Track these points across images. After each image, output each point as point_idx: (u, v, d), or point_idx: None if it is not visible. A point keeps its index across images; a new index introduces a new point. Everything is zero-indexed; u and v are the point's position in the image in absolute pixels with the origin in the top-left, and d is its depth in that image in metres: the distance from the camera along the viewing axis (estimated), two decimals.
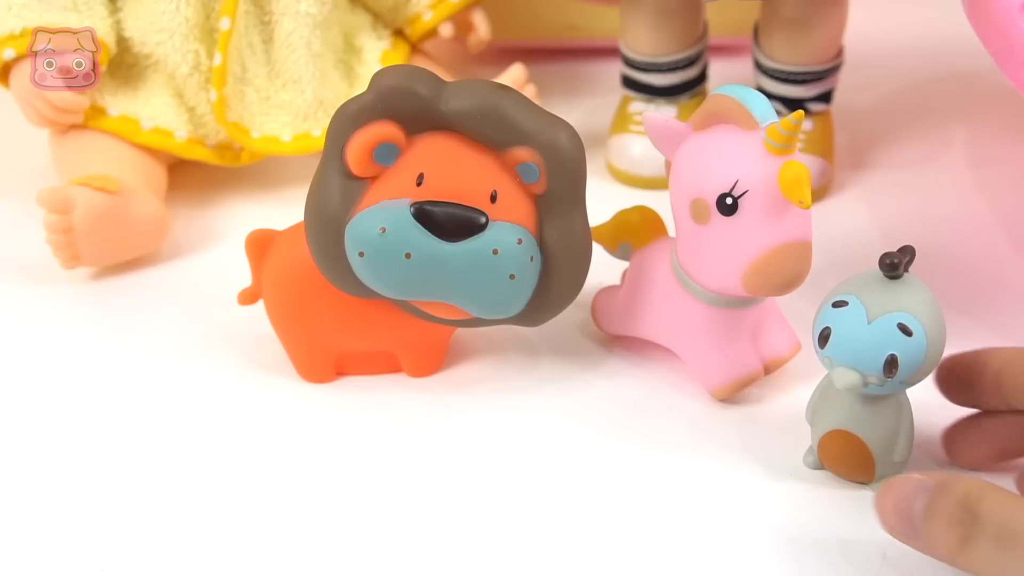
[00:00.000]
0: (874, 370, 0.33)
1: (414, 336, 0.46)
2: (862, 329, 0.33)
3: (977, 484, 0.31)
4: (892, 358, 0.33)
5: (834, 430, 0.37)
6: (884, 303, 0.33)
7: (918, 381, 0.34)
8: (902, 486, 0.32)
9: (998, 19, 0.45)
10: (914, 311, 0.33)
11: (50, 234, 0.51)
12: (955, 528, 0.30)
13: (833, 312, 0.34)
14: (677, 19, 0.59)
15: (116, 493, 0.42)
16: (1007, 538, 0.29)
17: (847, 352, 0.34)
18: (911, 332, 0.33)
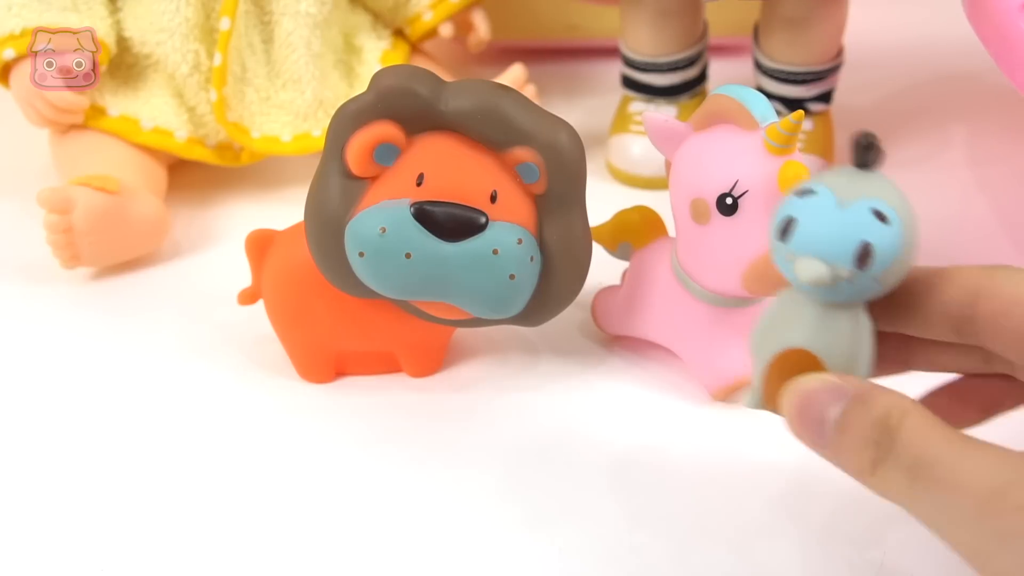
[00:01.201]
0: (844, 260, 0.28)
1: (414, 336, 0.46)
2: (832, 214, 0.28)
3: (900, 403, 0.27)
4: (865, 246, 0.28)
5: (785, 350, 0.31)
6: (856, 190, 0.29)
7: (892, 283, 0.29)
8: (816, 388, 0.29)
9: (998, 19, 0.45)
10: (889, 199, 0.29)
11: (50, 234, 0.51)
12: (868, 449, 0.27)
13: (798, 201, 0.29)
14: (677, 19, 0.59)
15: (116, 493, 0.42)
16: (921, 470, 0.26)
17: (814, 240, 0.29)
18: (887, 219, 0.28)
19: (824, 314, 0.31)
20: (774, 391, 0.31)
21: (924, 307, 0.31)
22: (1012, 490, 0.25)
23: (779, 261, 0.30)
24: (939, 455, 0.26)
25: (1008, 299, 0.29)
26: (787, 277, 0.30)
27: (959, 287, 0.30)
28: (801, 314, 0.31)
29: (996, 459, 0.26)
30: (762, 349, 0.32)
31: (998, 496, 0.25)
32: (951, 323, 0.30)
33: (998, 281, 0.29)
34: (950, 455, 0.26)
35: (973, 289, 0.29)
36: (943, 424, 0.27)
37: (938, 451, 0.26)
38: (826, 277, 0.29)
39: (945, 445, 0.26)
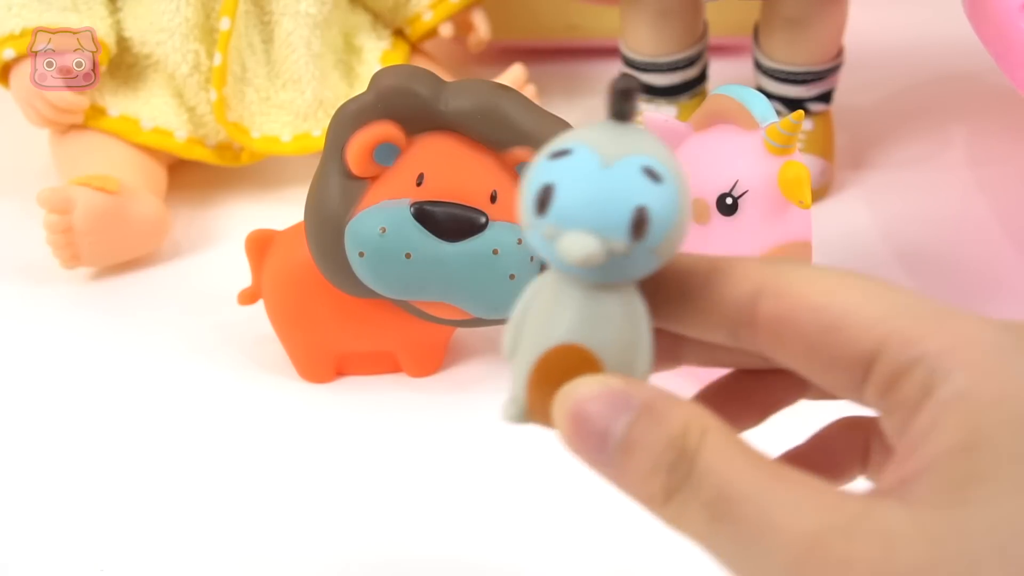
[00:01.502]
0: (619, 230, 0.23)
1: (414, 336, 0.46)
2: (597, 176, 0.23)
3: (699, 418, 0.22)
4: (640, 211, 0.23)
5: (551, 349, 0.25)
6: (619, 146, 0.23)
7: (668, 254, 0.24)
8: (595, 395, 0.23)
9: (998, 19, 0.45)
10: (658, 155, 0.23)
11: (50, 234, 0.51)
12: (660, 474, 0.22)
13: (553, 164, 0.23)
14: (677, 19, 0.59)
15: (116, 493, 0.42)
16: (724, 507, 0.21)
17: (580, 210, 0.23)
18: (660, 177, 0.23)
19: (593, 300, 0.25)
20: (542, 400, 0.25)
21: (696, 304, 0.25)
22: (832, 539, 0.20)
23: (535, 240, 0.24)
24: (746, 489, 0.21)
25: (793, 301, 0.23)
26: (547, 258, 0.24)
27: (738, 284, 0.24)
28: (565, 302, 0.25)
29: (813, 498, 0.21)
30: (522, 350, 0.25)
31: (817, 545, 0.20)
32: (727, 325, 0.25)
33: (783, 280, 0.24)
34: (759, 489, 0.21)
35: (754, 287, 0.24)
36: (748, 446, 0.22)
37: (745, 483, 0.21)
38: (599, 253, 0.23)
39: (753, 476, 0.21)
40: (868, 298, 0.23)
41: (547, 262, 0.24)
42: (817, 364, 0.23)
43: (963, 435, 0.20)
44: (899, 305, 0.22)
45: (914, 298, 0.22)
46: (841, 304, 0.23)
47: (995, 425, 0.20)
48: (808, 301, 0.23)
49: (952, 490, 0.20)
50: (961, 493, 0.20)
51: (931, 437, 0.21)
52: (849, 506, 0.21)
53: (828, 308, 0.23)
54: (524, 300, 0.25)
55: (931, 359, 0.21)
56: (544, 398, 0.25)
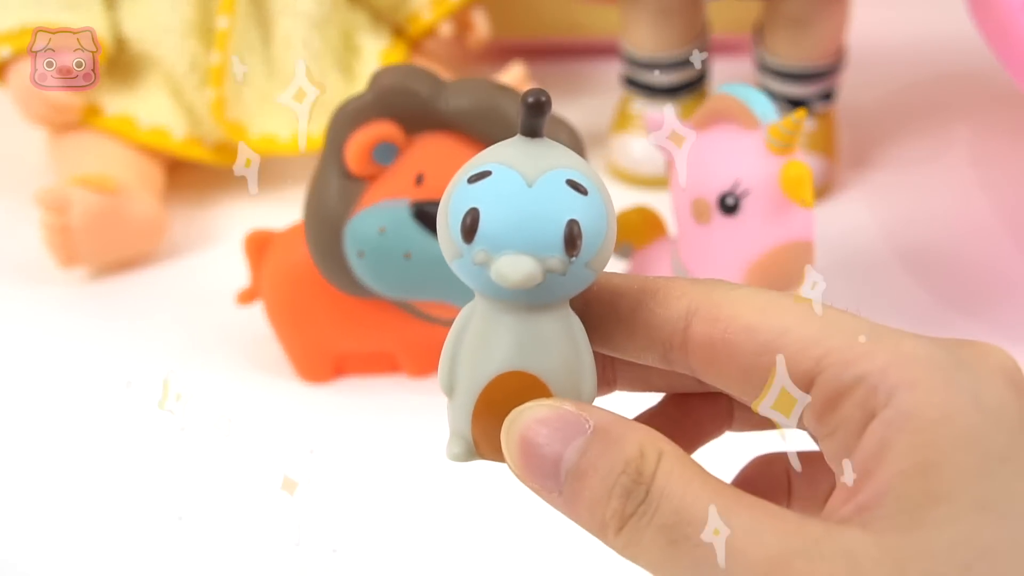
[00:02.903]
0: (552, 248, 0.22)
1: (414, 336, 0.46)
2: (523, 195, 0.22)
3: (654, 440, 0.22)
4: (572, 225, 0.22)
5: (493, 379, 0.24)
6: (538, 162, 0.23)
7: (601, 266, 0.23)
8: (547, 417, 0.22)
9: (1002, 18, 0.44)
10: (577, 167, 0.23)
11: (47, 234, 0.51)
12: (615, 500, 0.21)
13: (473, 188, 0.23)
14: (678, 17, 0.59)
15: (114, 493, 0.42)
16: (683, 531, 0.21)
17: (511, 231, 0.22)
18: (585, 189, 0.22)
19: (529, 323, 0.24)
20: (490, 432, 0.24)
21: (627, 325, 0.24)
22: (795, 562, 0.20)
23: (463, 268, 0.23)
24: (705, 512, 0.21)
25: (726, 323, 0.23)
26: (478, 286, 0.23)
27: (669, 305, 0.24)
28: (500, 329, 0.24)
29: (773, 522, 0.20)
30: (461, 383, 0.24)
31: (779, 568, 0.20)
32: (659, 347, 0.24)
33: (715, 299, 0.23)
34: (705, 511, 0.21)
35: (686, 308, 0.23)
36: (703, 469, 0.22)
37: (703, 507, 0.21)
38: (537, 273, 0.22)
39: (711, 499, 0.21)
40: (803, 318, 0.22)
41: (477, 290, 0.23)
42: (751, 386, 0.22)
43: (917, 456, 0.20)
44: (834, 324, 0.22)
45: (849, 317, 0.22)
46: (776, 324, 0.22)
47: (946, 443, 0.20)
48: (741, 322, 0.22)
49: (912, 511, 0.20)
50: (921, 514, 0.20)
51: (884, 459, 0.20)
52: (810, 530, 0.20)
53: (762, 328, 0.22)
54: (453, 333, 0.24)
55: (872, 378, 0.21)
56: (492, 430, 0.24)
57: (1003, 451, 0.20)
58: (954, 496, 0.20)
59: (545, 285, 0.23)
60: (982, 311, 0.49)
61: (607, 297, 0.25)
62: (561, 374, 0.24)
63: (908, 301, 0.50)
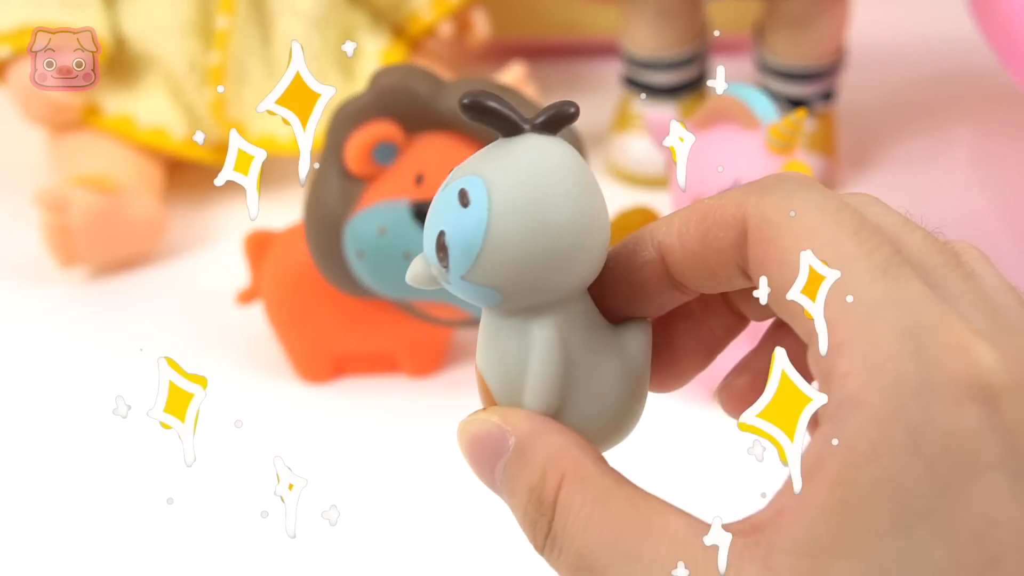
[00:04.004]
0: (431, 255, 0.22)
1: (414, 336, 0.46)
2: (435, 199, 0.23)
3: (557, 461, 0.21)
4: (440, 237, 0.22)
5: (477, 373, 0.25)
6: (467, 165, 0.23)
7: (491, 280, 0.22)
8: (480, 432, 0.23)
9: (1002, 18, 0.44)
10: (492, 175, 0.22)
11: (47, 234, 0.51)
12: (528, 529, 0.21)
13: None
14: (678, 17, 0.59)
15: (113, 494, 0.42)
16: (584, 573, 0.21)
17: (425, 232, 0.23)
18: (468, 201, 0.22)
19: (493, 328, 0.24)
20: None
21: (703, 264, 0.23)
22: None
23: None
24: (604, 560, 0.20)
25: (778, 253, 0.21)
26: None
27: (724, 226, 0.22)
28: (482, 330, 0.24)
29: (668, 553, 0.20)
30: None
31: None
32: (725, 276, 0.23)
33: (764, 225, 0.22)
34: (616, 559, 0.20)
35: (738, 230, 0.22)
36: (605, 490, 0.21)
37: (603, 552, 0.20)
38: (422, 276, 0.23)
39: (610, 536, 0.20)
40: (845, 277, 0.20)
41: None
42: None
43: (835, 494, 0.19)
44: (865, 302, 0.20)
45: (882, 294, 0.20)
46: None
47: (867, 487, 0.19)
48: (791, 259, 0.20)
49: (815, 557, 0.19)
50: (824, 563, 0.19)
51: (814, 480, 0.20)
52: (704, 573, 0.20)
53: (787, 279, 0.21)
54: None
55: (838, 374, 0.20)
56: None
57: (926, 505, 0.19)
58: (856, 554, 0.19)
59: (444, 292, 0.23)
60: None
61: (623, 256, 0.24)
62: (503, 382, 0.24)
63: None
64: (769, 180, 0.22)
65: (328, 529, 0.40)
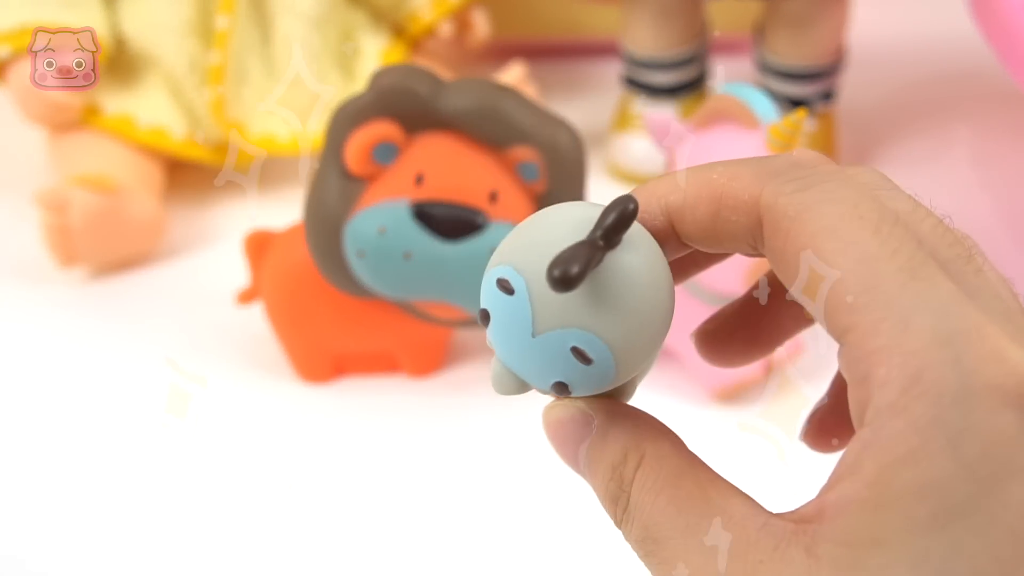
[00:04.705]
0: (541, 387, 0.24)
1: (414, 336, 0.46)
2: (525, 342, 0.22)
3: (638, 444, 0.23)
4: (559, 385, 0.23)
5: None
6: (557, 311, 0.22)
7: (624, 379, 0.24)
8: (564, 417, 0.24)
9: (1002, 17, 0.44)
10: (598, 328, 0.22)
11: (46, 234, 0.51)
12: (608, 505, 0.23)
13: (495, 294, 0.23)
14: (678, 16, 0.59)
15: (113, 494, 0.42)
16: (648, 546, 0.22)
17: (507, 358, 0.23)
18: (590, 360, 0.22)
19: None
20: None
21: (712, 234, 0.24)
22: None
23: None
24: (666, 531, 0.22)
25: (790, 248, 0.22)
26: None
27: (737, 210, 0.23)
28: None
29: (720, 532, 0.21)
30: None
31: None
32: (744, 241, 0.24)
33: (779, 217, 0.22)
34: (677, 532, 0.21)
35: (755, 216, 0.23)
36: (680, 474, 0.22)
37: (666, 525, 0.22)
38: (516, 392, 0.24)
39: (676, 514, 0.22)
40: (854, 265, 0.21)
41: None
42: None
43: (873, 491, 0.20)
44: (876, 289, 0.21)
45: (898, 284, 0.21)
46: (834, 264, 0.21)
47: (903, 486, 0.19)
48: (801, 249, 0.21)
49: (855, 549, 0.20)
50: (862, 557, 0.20)
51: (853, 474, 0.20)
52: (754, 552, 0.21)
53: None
54: None
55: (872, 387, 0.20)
56: None
57: (964, 505, 0.19)
58: (894, 547, 0.20)
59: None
60: None
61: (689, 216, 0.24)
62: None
63: None
64: (782, 163, 0.23)
65: (328, 529, 0.40)
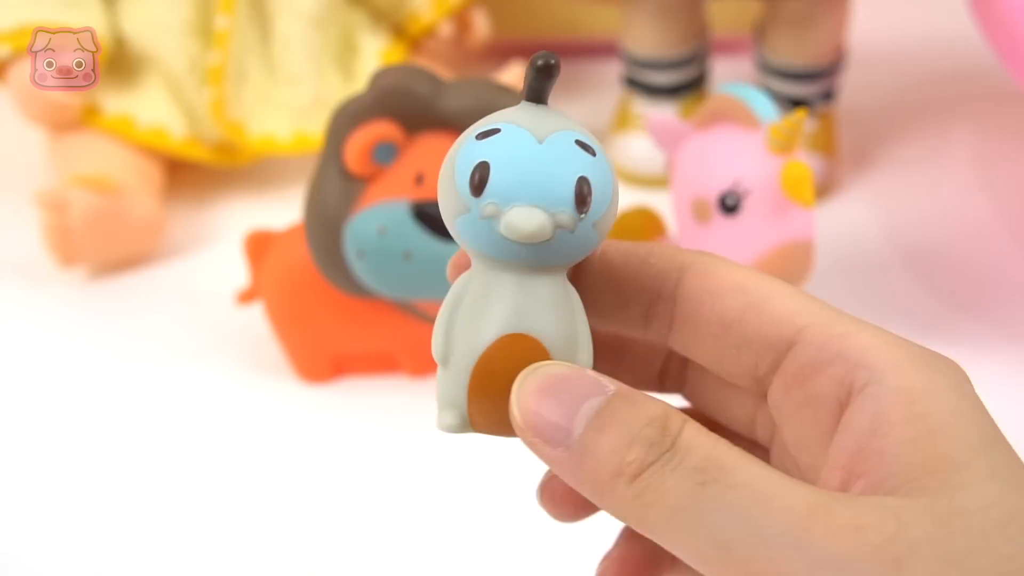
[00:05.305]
0: (564, 203, 0.22)
1: (414, 336, 0.46)
2: (535, 150, 0.22)
3: (678, 412, 0.22)
4: (583, 182, 0.22)
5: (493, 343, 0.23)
6: (546, 123, 0.23)
7: (607, 227, 0.23)
8: (569, 375, 0.22)
9: (1003, 18, 0.44)
10: (583, 131, 0.23)
11: (46, 234, 0.51)
12: (638, 448, 0.21)
13: (483, 143, 0.23)
14: (678, 17, 0.59)
15: (111, 494, 0.42)
16: (716, 473, 0.20)
17: (523, 183, 0.22)
18: (593, 151, 0.23)
19: (530, 285, 0.23)
20: (488, 401, 0.23)
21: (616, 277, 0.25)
22: (836, 507, 0.20)
23: (469, 225, 0.23)
24: (737, 462, 0.21)
25: (719, 279, 0.24)
26: (482, 243, 0.23)
27: (663, 256, 0.25)
28: (501, 290, 0.23)
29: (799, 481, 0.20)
30: (457, 351, 0.23)
31: (821, 511, 0.20)
32: (644, 300, 0.25)
33: (707, 261, 0.24)
34: (747, 463, 0.21)
35: (680, 262, 0.24)
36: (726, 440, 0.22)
37: (734, 459, 0.21)
38: (548, 225, 0.22)
39: (740, 455, 0.21)
40: (791, 292, 0.23)
41: (479, 249, 0.23)
42: (728, 345, 0.24)
43: (917, 425, 0.20)
44: (820, 304, 0.23)
45: (834, 306, 0.23)
46: (766, 289, 0.23)
47: (945, 415, 0.20)
48: (734, 281, 0.24)
49: (932, 474, 0.20)
50: (943, 476, 0.20)
51: (880, 432, 0.21)
52: (839, 493, 0.21)
53: (752, 290, 0.23)
54: (449, 299, 0.24)
55: (852, 356, 0.22)
56: (489, 398, 0.23)
57: (995, 432, 0.21)
58: (969, 463, 0.20)
59: (553, 243, 0.22)
60: (982, 311, 0.49)
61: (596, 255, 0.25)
62: (561, 340, 0.23)
63: (908, 301, 0.50)
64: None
65: (329, 529, 0.40)
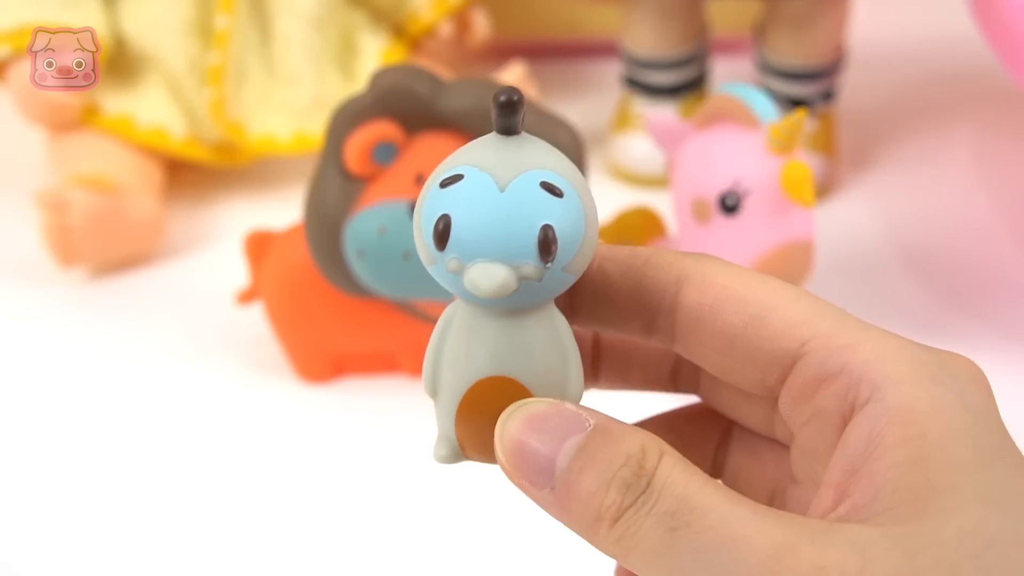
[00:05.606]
0: (526, 255, 0.21)
1: (414, 336, 0.46)
2: (494, 201, 0.21)
3: (655, 441, 0.21)
4: (546, 231, 0.21)
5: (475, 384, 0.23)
6: (512, 163, 0.22)
7: (583, 267, 0.22)
8: (548, 414, 0.22)
9: (1003, 18, 0.44)
10: (554, 167, 0.22)
11: (46, 234, 0.51)
12: (615, 491, 0.21)
13: (445, 193, 0.22)
14: (678, 17, 0.59)
15: (112, 495, 0.42)
16: (686, 517, 0.20)
17: (483, 239, 0.21)
18: (560, 192, 0.22)
19: (510, 327, 0.23)
20: (474, 434, 0.23)
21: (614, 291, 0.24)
22: (802, 546, 0.19)
23: (440, 275, 0.22)
24: (707, 502, 0.20)
25: (718, 291, 0.23)
26: (456, 292, 0.23)
27: (662, 270, 0.24)
28: (481, 333, 0.23)
29: (776, 515, 0.20)
30: (444, 385, 0.24)
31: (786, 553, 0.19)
32: (644, 314, 0.24)
33: (706, 270, 0.24)
34: (720, 502, 0.20)
35: (677, 274, 0.24)
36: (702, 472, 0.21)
37: (706, 498, 0.20)
38: (511, 282, 0.21)
39: (712, 493, 0.20)
40: (792, 299, 0.22)
41: (456, 294, 0.23)
42: (733, 359, 0.23)
43: (910, 448, 0.20)
44: (823, 311, 0.22)
45: (838, 309, 0.22)
46: (766, 300, 0.23)
47: (939, 436, 0.20)
48: (732, 292, 0.23)
49: (914, 501, 0.20)
50: (924, 504, 0.19)
51: (874, 455, 0.20)
52: (813, 523, 0.20)
53: (752, 301, 0.23)
54: (436, 335, 0.24)
55: (854, 371, 0.21)
56: (476, 432, 0.23)
57: (994, 448, 0.20)
58: (955, 487, 0.19)
59: (522, 292, 0.22)
60: (982, 311, 0.49)
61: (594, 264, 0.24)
62: (544, 378, 0.23)
63: (908, 301, 0.50)
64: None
65: (329, 529, 0.40)
